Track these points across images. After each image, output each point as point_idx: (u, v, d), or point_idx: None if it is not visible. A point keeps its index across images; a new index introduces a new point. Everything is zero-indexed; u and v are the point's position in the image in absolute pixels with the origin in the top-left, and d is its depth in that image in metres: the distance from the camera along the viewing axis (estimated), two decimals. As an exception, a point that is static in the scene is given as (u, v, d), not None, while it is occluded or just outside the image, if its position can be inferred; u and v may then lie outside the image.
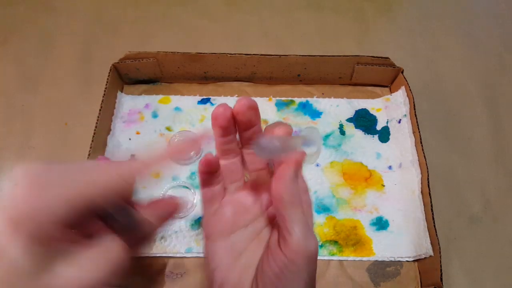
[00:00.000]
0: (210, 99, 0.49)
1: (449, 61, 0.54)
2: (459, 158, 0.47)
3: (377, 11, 0.58)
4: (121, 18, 0.56)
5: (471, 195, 0.44)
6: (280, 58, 0.46)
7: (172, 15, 0.57)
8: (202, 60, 0.46)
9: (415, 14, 0.58)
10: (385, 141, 0.46)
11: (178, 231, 0.41)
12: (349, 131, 0.47)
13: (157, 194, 0.42)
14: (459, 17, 0.58)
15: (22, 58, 0.52)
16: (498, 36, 0.56)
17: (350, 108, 0.48)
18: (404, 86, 0.47)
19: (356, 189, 0.44)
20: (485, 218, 0.43)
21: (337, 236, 0.41)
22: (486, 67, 0.53)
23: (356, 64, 0.47)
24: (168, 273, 0.39)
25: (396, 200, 0.43)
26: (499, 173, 0.46)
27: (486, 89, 0.52)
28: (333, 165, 0.45)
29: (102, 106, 0.43)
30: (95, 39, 0.54)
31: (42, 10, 0.57)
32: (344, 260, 0.40)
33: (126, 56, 0.46)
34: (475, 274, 0.40)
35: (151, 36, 0.55)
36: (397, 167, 0.45)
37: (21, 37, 0.54)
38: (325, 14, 0.58)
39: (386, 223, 0.42)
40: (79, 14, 0.57)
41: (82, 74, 0.51)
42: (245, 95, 0.49)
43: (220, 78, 0.49)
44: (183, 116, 0.47)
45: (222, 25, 0.56)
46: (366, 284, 0.39)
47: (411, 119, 0.45)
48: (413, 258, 0.40)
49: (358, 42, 0.55)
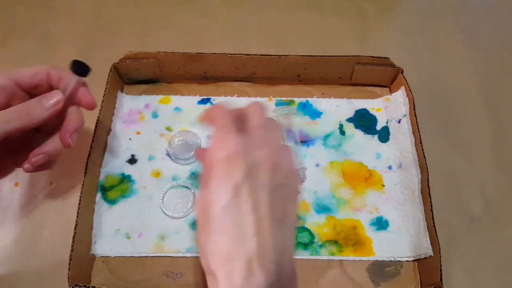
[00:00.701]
0: (210, 99, 0.49)
1: (449, 61, 0.54)
2: (459, 158, 0.47)
3: (377, 11, 0.58)
4: (121, 18, 0.56)
5: (471, 195, 0.44)
6: (280, 58, 0.46)
7: (172, 15, 0.57)
8: (202, 60, 0.46)
9: (415, 14, 0.58)
10: (385, 141, 0.46)
11: (178, 231, 0.41)
12: (349, 131, 0.47)
13: (157, 194, 0.42)
14: (459, 17, 0.58)
15: (22, 58, 0.52)
16: (498, 36, 0.56)
17: (350, 108, 0.48)
18: (404, 86, 0.47)
19: (356, 189, 0.44)
20: (485, 218, 0.43)
21: (337, 236, 0.41)
22: (486, 67, 0.53)
23: (356, 64, 0.47)
24: (168, 273, 0.39)
25: (396, 200, 0.43)
26: (499, 173, 0.46)
27: (486, 89, 0.52)
28: (333, 165, 0.45)
29: (102, 106, 0.43)
30: (95, 39, 0.54)
31: (42, 10, 0.57)
32: (344, 260, 0.40)
33: (126, 56, 0.46)
34: (475, 274, 0.40)
35: (151, 36, 0.55)
36: (397, 167, 0.45)
37: (21, 37, 0.54)
38: (325, 14, 0.58)
39: (386, 223, 0.42)
40: (79, 14, 0.57)
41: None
42: (245, 95, 0.49)
43: (220, 78, 0.49)
44: (183, 116, 0.47)
45: (222, 25, 0.56)
46: (366, 284, 0.39)
47: (411, 119, 0.45)
48: (413, 258, 0.40)
49: (358, 42, 0.55)
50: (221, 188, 0.26)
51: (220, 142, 0.27)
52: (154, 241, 0.40)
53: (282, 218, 0.27)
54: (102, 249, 0.40)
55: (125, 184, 0.43)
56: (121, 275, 0.39)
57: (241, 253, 0.24)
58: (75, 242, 0.36)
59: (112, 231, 0.41)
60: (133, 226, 0.41)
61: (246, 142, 0.27)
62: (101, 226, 0.41)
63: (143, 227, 0.41)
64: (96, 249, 0.40)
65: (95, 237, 0.40)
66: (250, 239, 0.24)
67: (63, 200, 0.43)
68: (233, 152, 0.26)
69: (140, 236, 0.41)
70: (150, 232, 0.41)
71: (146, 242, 0.40)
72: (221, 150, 0.27)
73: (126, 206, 0.42)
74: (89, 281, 0.39)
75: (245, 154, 0.26)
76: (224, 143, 0.27)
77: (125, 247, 0.40)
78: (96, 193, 0.42)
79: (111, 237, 0.40)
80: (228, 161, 0.26)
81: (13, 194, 0.43)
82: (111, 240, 0.40)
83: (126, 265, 0.40)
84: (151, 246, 0.40)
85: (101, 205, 0.42)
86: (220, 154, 0.26)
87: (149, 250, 0.40)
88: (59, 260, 0.40)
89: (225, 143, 0.27)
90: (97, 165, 0.43)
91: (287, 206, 0.28)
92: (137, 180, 0.43)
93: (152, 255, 0.40)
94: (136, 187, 0.43)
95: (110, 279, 0.39)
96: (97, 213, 0.41)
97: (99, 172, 0.43)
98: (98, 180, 0.43)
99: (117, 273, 0.39)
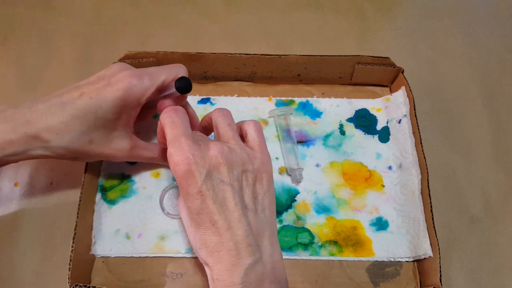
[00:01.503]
0: (210, 98, 0.49)
1: (449, 61, 0.54)
2: (459, 158, 0.47)
3: (377, 11, 0.58)
4: (121, 18, 0.56)
5: (471, 195, 0.44)
6: (280, 58, 0.46)
7: (172, 15, 0.57)
8: (202, 60, 0.46)
9: (415, 14, 0.58)
10: (385, 141, 0.46)
11: (178, 231, 0.41)
12: (349, 131, 0.47)
13: (157, 194, 0.42)
14: (459, 17, 0.58)
15: (22, 58, 0.52)
16: (498, 36, 0.56)
17: (350, 108, 0.48)
18: (404, 86, 0.46)
19: (356, 189, 0.44)
20: (485, 218, 0.43)
21: (337, 237, 0.41)
22: (486, 67, 0.53)
23: (356, 64, 0.47)
24: (168, 273, 0.39)
25: (396, 200, 0.43)
26: (499, 173, 0.46)
27: (486, 89, 0.52)
28: (333, 165, 0.45)
29: (102, 106, 0.43)
30: (95, 39, 0.54)
31: (42, 10, 0.57)
32: (344, 261, 0.40)
33: (126, 56, 0.46)
34: (475, 274, 0.40)
35: (151, 36, 0.55)
36: (397, 168, 0.44)
37: (21, 37, 0.54)
38: (325, 14, 0.58)
39: (386, 224, 0.42)
40: (79, 14, 0.57)
41: (82, 74, 0.51)
42: (245, 95, 0.49)
43: (220, 78, 0.49)
44: (183, 116, 0.47)
45: (222, 25, 0.56)
46: (365, 284, 0.39)
47: (411, 119, 0.45)
48: (413, 259, 0.40)
49: (358, 42, 0.55)
50: (190, 197, 0.29)
51: (175, 155, 0.29)
52: (154, 241, 0.40)
53: (253, 202, 0.31)
54: (102, 249, 0.40)
55: (125, 184, 0.43)
56: (121, 275, 0.39)
57: (222, 244, 0.29)
58: (75, 242, 0.36)
59: (112, 231, 0.41)
60: (133, 226, 0.41)
61: (198, 149, 0.30)
62: (101, 226, 0.41)
63: (143, 227, 0.41)
64: (96, 249, 0.40)
65: (95, 237, 0.40)
66: (225, 232, 0.29)
67: (63, 200, 0.43)
68: (189, 163, 0.29)
69: (140, 236, 0.41)
70: (150, 232, 0.41)
71: (146, 242, 0.40)
72: (179, 165, 0.29)
73: (126, 206, 0.42)
74: (89, 281, 0.39)
75: (200, 159, 0.29)
76: (179, 156, 0.29)
77: (125, 247, 0.40)
78: (96, 193, 0.42)
79: (111, 237, 0.40)
80: (188, 172, 0.29)
81: (13, 194, 0.43)
82: (111, 240, 0.40)
83: (126, 265, 0.40)
84: (151, 246, 0.40)
85: (101, 205, 0.42)
86: (180, 169, 0.29)
87: (149, 250, 0.40)
88: (59, 260, 0.40)
89: (180, 157, 0.29)
90: (97, 165, 0.43)
91: (255, 188, 0.32)
92: (137, 180, 0.43)
93: (152, 255, 0.40)
94: (136, 187, 0.43)
95: (110, 279, 0.39)
96: (97, 213, 0.41)
97: (99, 172, 0.43)
98: (98, 180, 0.43)
99: (117, 273, 0.39)
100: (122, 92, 0.34)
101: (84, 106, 0.33)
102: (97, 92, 0.33)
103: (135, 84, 0.34)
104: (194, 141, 0.30)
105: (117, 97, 0.34)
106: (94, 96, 0.33)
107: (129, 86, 0.34)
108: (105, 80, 0.34)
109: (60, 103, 0.33)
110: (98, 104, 0.33)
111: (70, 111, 0.33)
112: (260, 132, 0.34)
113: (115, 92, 0.33)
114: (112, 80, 0.34)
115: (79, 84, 0.35)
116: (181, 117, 0.32)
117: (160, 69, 0.37)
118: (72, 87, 0.35)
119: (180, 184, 0.30)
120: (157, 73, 0.36)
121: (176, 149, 0.29)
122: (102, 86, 0.34)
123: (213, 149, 0.30)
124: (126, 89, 0.34)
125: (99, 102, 0.33)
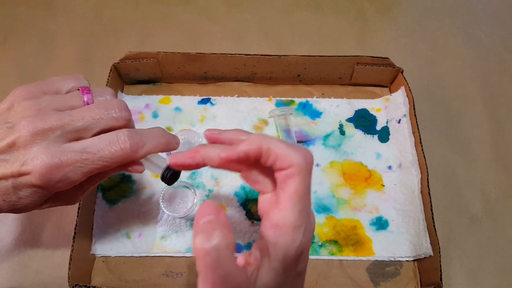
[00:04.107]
0: (210, 99, 0.49)
1: (449, 61, 0.54)
2: (459, 158, 0.47)
3: (377, 11, 0.58)
4: (121, 18, 0.56)
5: (471, 195, 0.44)
6: (280, 58, 0.46)
7: (172, 15, 0.57)
8: (202, 60, 0.46)
9: (415, 14, 0.58)
10: (385, 141, 0.46)
11: (178, 231, 0.41)
12: (349, 131, 0.47)
13: (157, 194, 0.42)
14: (459, 17, 0.58)
15: (22, 58, 0.52)
16: (498, 36, 0.56)
17: (350, 108, 0.48)
18: (404, 86, 0.47)
19: (356, 189, 0.44)
20: (485, 218, 0.43)
21: (337, 236, 0.41)
22: (486, 67, 0.53)
23: (356, 64, 0.47)
24: (168, 273, 0.39)
25: (396, 200, 0.43)
26: (499, 173, 0.46)
27: (486, 89, 0.52)
28: (333, 165, 0.45)
29: (102, 106, 0.43)
30: (95, 39, 0.54)
31: (42, 10, 0.57)
32: (344, 260, 0.40)
33: (126, 56, 0.46)
34: (475, 274, 0.40)
35: (151, 36, 0.55)
36: (397, 167, 0.45)
37: (21, 37, 0.54)
38: (325, 14, 0.58)
39: (385, 223, 0.42)
40: (79, 14, 0.57)
41: (82, 74, 0.51)
42: (245, 95, 0.49)
43: (220, 78, 0.50)
44: (183, 116, 0.47)
45: (222, 25, 0.56)
46: (365, 283, 0.39)
47: (411, 119, 0.45)
48: (413, 258, 0.40)
49: (358, 42, 0.55)
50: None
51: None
52: (154, 241, 0.40)
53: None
54: (102, 249, 0.40)
55: (125, 184, 0.43)
56: (121, 275, 0.39)
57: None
58: (75, 242, 0.36)
59: (112, 231, 0.41)
60: (133, 226, 0.41)
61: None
62: (101, 226, 0.41)
63: (143, 227, 0.41)
64: (96, 249, 0.40)
65: (95, 237, 0.40)
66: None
67: (63, 200, 0.43)
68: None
69: (140, 235, 0.41)
70: (150, 232, 0.41)
71: (146, 242, 0.40)
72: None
73: (126, 206, 0.42)
74: (89, 281, 0.39)
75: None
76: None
77: (125, 247, 0.40)
78: (96, 193, 0.42)
79: (111, 237, 0.40)
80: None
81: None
82: (111, 240, 0.40)
83: (126, 265, 0.40)
84: (151, 246, 0.40)
85: (101, 205, 0.42)
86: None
87: (149, 250, 0.40)
88: (59, 260, 0.40)
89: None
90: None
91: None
92: (137, 181, 0.43)
93: (152, 255, 0.40)
94: (136, 187, 0.43)
95: (110, 279, 0.39)
96: (97, 213, 0.41)
97: (99, 172, 0.43)
98: (98, 180, 0.43)
99: (117, 273, 0.39)
100: (40, 182, 0.26)
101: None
102: (12, 180, 0.26)
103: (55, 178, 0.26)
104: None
105: (36, 186, 0.27)
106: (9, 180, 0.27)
107: (48, 179, 0.26)
108: (18, 161, 0.26)
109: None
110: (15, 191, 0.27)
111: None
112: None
113: (33, 181, 0.26)
114: (26, 160, 0.26)
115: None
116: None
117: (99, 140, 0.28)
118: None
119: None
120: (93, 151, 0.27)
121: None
122: (16, 171, 0.26)
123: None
124: (45, 180, 0.26)
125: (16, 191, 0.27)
